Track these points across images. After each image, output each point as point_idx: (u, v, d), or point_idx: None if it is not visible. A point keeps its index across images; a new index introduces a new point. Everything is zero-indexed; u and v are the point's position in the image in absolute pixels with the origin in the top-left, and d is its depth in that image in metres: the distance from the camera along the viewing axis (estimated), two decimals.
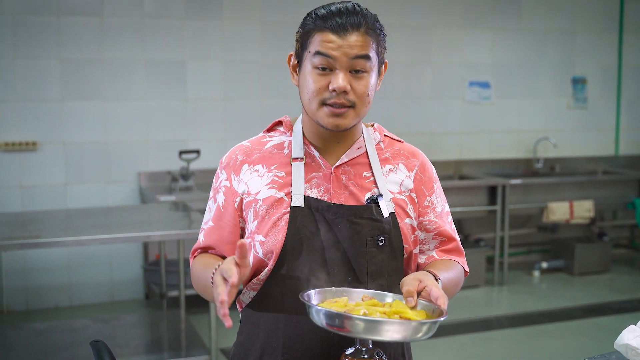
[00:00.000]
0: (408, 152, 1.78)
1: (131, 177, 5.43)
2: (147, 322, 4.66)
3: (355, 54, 1.55)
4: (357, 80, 1.57)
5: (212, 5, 5.55)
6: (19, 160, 5.14)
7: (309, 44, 1.59)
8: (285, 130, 1.74)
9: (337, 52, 1.55)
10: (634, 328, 1.74)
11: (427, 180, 1.76)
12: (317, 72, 1.57)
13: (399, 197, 1.69)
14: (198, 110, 5.57)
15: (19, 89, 5.10)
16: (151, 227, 3.84)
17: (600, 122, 7.01)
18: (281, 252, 1.60)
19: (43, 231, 3.76)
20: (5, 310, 5.18)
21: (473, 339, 4.77)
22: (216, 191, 1.73)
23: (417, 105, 6.31)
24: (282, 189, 1.64)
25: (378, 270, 1.62)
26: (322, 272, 1.60)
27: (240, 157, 1.71)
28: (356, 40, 1.56)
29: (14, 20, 5.04)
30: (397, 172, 1.72)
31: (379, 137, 1.77)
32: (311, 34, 1.59)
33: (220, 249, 1.70)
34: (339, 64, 1.55)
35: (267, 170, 1.67)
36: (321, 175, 1.67)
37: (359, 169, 1.69)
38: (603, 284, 6.05)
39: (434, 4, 6.25)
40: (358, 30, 1.57)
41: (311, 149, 1.68)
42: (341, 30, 1.55)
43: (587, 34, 6.84)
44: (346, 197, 1.65)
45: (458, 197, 5.77)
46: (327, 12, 1.58)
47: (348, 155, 1.69)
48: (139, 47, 5.38)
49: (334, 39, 1.55)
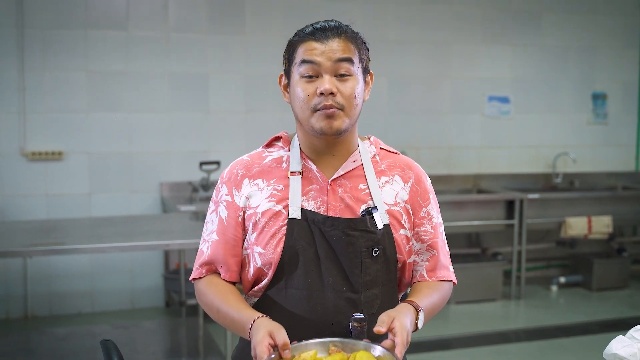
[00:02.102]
0: (403, 164, 1.83)
1: (153, 187, 5.54)
2: (166, 329, 4.75)
3: (338, 57, 1.65)
4: (342, 83, 1.66)
5: (235, 19, 5.67)
6: (45, 170, 5.28)
7: (295, 57, 1.69)
8: (284, 145, 1.80)
9: (320, 58, 1.65)
10: (622, 338, 1.80)
11: (423, 191, 1.81)
12: (304, 80, 1.66)
13: (394, 209, 1.74)
14: (220, 122, 5.68)
15: (46, 101, 5.24)
16: (171, 236, 3.93)
17: (621, 138, 7.01)
18: (279, 263, 1.67)
19: (67, 238, 3.87)
20: (29, 315, 5.30)
21: (488, 351, 4.79)
22: (217, 204, 1.79)
23: (437, 120, 6.36)
24: (280, 202, 1.71)
25: (372, 280, 1.68)
26: (319, 282, 1.66)
27: (241, 172, 1.77)
28: (338, 44, 1.66)
29: (42, 35, 5.20)
30: (393, 184, 1.77)
31: (374, 150, 1.82)
32: (296, 46, 1.69)
33: (226, 263, 1.75)
34: (324, 68, 1.65)
35: (266, 184, 1.73)
36: (318, 188, 1.72)
37: (354, 182, 1.74)
38: (621, 299, 6.04)
39: (454, 20, 6.31)
40: (339, 37, 1.68)
41: (308, 162, 1.75)
42: (323, 38, 1.66)
43: (607, 50, 6.85)
44: (342, 209, 1.70)
45: (476, 210, 5.81)
46: (312, 28, 1.70)
47: (344, 168, 1.74)
48: (163, 60, 5.50)
49: (317, 46, 1.66)
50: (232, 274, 1.76)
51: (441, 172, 6.35)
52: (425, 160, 6.28)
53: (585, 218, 6.03)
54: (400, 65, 6.15)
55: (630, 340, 1.79)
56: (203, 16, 5.59)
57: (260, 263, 1.70)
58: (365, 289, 1.68)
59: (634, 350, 1.77)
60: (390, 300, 1.75)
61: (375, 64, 6.26)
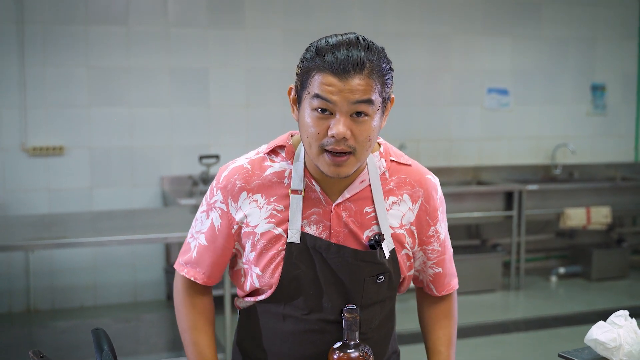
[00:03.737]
0: (414, 181, 1.70)
1: (154, 181, 5.58)
2: (167, 321, 4.78)
3: (357, 99, 1.46)
4: (358, 125, 1.49)
5: (235, 14, 5.69)
6: (47, 164, 5.32)
7: (309, 84, 1.50)
8: (287, 157, 1.66)
9: (337, 97, 1.45)
10: (602, 324, 1.85)
11: (432, 210, 1.71)
12: (316, 114, 1.49)
13: (398, 232, 1.67)
14: (220, 116, 5.71)
15: (47, 96, 5.28)
16: (172, 229, 3.95)
17: (620, 129, 7.02)
18: (277, 288, 1.63)
19: (69, 232, 3.89)
20: (32, 309, 5.35)
21: (487, 341, 4.83)
22: (210, 208, 1.70)
23: (437, 112, 6.38)
24: (280, 224, 1.61)
25: (372, 300, 1.67)
26: (318, 304, 1.64)
27: (239, 184, 1.65)
28: (358, 84, 1.45)
29: (43, 30, 5.23)
30: (401, 204, 1.67)
31: (384, 165, 1.68)
32: (311, 73, 1.49)
33: (210, 269, 1.73)
34: (339, 108, 1.46)
35: (266, 202, 1.63)
36: (321, 212, 1.62)
37: (360, 205, 1.64)
38: (620, 289, 6.07)
39: (454, 12, 6.33)
40: (361, 72, 1.46)
41: (312, 182, 1.62)
42: (342, 72, 1.45)
43: (606, 41, 6.87)
44: (345, 235, 1.62)
45: (475, 202, 5.84)
46: (328, 47, 1.48)
47: (350, 191, 1.63)
48: (164, 55, 5.53)
49: (335, 82, 1.45)
50: (213, 280, 1.75)
51: (441, 164, 6.38)
52: (425, 153, 6.31)
53: (584, 209, 6.05)
54: (400, 58, 6.16)
55: (611, 326, 1.84)
56: (203, 11, 5.61)
57: (258, 284, 1.66)
58: (363, 307, 1.65)
59: (614, 335, 1.81)
60: (389, 312, 1.76)
61: None
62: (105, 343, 1.53)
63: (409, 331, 4.09)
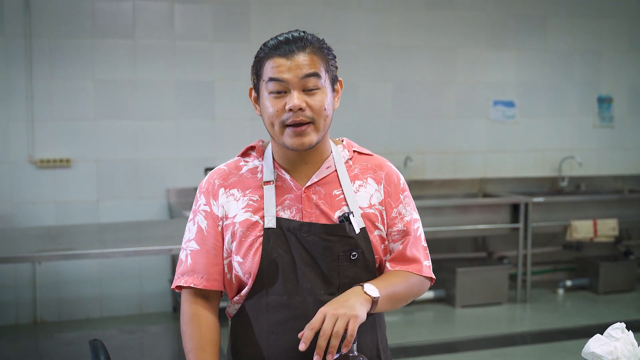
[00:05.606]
0: (375, 166, 1.85)
1: (160, 193, 5.60)
2: (173, 333, 4.79)
3: (305, 72, 1.66)
4: (311, 97, 1.67)
5: (241, 27, 5.72)
6: (54, 177, 5.34)
7: (262, 73, 1.70)
8: (258, 155, 1.84)
9: (287, 75, 1.66)
10: (599, 337, 1.84)
11: (394, 191, 1.83)
12: (273, 96, 1.68)
13: (369, 211, 1.77)
14: (226, 128, 5.73)
15: (54, 109, 5.31)
16: (177, 241, 3.95)
17: (627, 141, 7.01)
18: (257, 272, 1.71)
19: (75, 244, 3.90)
20: (38, 320, 5.36)
21: (493, 354, 4.80)
22: (195, 214, 1.81)
23: (442, 124, 6.39)
24: (256, 212, 1.74)
25: (351, 282, 1.71)
26: (297, 287, 1.70)
27: (218, 182, 1.81)
28: (304, 59, 1.67)
29: (51, 44, 5.27)
30: (367, 187, 1.80)
31: (348, 154, 1.85)
32: (262, 62, 1.70)
33: (207, 272, 1.77)
34: (291, 85, 1.66)
35: (242, 195, 1.77)
36: (293, 197, 1.75)
37: (329, 188, 1.77)
38: (628, 302, 6.03)
39: (459, 25, 6.35)
40: (304, 50, 1.67)
41: (282, 172, 1.78)
42: (288, 53, 1.66)
43: (612, 53, 6.86)
44: (317, 216, 1.73)
45: (481, 214, 5.83)
46: (276, 41, 1.70)
47: (318, 176, 1.77)
48: (170, 68, 5.56)
49: (283, 62, 1.66)
50: (214, 283, 1.77)
51: (447, 177, 6.38)
52: (431, 165, 6.31)
53: (590, 221, 6.03)
54: (406, 71, 6.18)
55: (608, 339, 1.83)
56: (209, 24, 5.64)
57: (240, 272, 1.74)
58: (342, 289, 1.69)
59: (611, 348, 1.80)
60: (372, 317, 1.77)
61: (380, 69, 6.35)
62: (102, 354, 1.53)
63: (412, 344, 4.09)
